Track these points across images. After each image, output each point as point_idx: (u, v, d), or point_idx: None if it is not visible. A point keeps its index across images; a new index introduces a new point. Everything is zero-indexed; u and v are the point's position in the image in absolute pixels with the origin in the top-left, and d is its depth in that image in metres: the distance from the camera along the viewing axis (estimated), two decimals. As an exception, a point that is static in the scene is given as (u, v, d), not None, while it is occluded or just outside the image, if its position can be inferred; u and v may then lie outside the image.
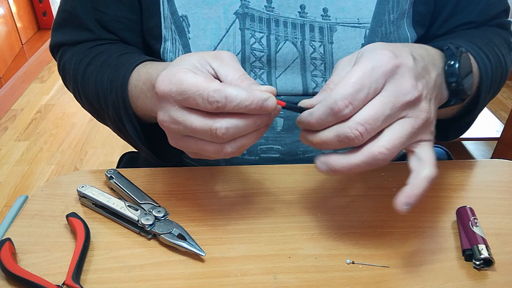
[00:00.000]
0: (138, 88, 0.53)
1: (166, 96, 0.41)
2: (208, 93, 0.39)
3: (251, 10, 0.59)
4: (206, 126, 0.40)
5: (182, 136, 0.43)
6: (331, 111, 0.39)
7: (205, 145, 0.42)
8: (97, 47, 0.62)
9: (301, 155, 0.65)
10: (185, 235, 0.48)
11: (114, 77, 0.55)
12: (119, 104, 0.54)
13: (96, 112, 0.61)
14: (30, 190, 1.81)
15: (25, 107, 2.43)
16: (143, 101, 0.52)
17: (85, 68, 0.59)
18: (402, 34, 0.62)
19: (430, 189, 0.57)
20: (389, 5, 0.60)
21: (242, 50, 0.60)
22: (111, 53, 0.59)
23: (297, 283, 0.44)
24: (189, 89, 0.40)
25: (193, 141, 0.42)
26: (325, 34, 0.60)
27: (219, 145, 0.41)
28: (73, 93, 0.64)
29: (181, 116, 0.41)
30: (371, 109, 0.39)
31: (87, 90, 0.59)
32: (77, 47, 0.63)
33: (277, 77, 0.62)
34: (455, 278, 0.45)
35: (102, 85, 0.56)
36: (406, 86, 0.39)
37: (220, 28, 0.59)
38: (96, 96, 0.58)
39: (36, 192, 0.56)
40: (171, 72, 0.41)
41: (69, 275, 0.43)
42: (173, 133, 0.43)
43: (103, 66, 0.58)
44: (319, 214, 0.53)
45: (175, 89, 0.40)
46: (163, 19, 0.60)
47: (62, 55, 0.65)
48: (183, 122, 0.41)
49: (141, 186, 0.55)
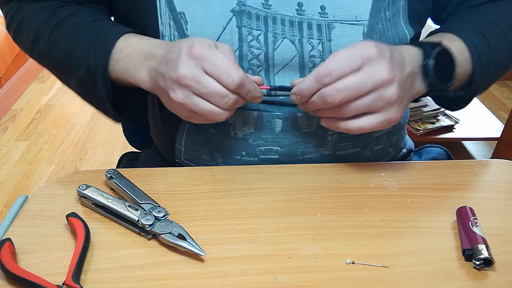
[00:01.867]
0: (124, 52, 0.57)
1: (198, 59, 0.49)
2: (235, 76, 0.49)
3: (248, 8, 0.59)
4: (223, 93, 0.50)
5: (192, 94, 0.50)
6: (315, 78, 0.51)
7: (211, 107, 0.51)
8: (64, 8, 0.62)
9: (300, 156, 0.64)
10: (185, 235, 0.48)
11: (94, 43, 0.58)
12: (97, 66, 0.57)
13: (56, 71, 0.63)
14: (30, 190, 1.81)
15: (25, 107, 2.43)
16: (125, 64, 0.57)
17: (53, 28, 0.60)
18: (400, 31, 0.62)
19: (430, 189, 0.57)
20: (384, 2, 0.60)
21: (239, 47, 0.60)
22: (84, 17, 0.61)
23: (297, 283, 0.44)
24: (221, 65, 0.49)
25: (202, 101, 0.50)
26: (323, 32, 0.60)
27: (223, 110, 0.51)
28: (28, 47, 0.64)
29: (205, 78, 0.50)
30: (345, 79, 0.50)
31: (53, 50, 0.60)
32: (40, 4, 0.63)
33: (275, 74, 0.62)
34: (455, 278, 0.45)
35: (77, 48, 0.58)
36: (380, 69, 0.50)
37: (217, 25, 0.59)
38: (66, 57, 0.59)
39: (36, 192, 0.56)
40: (207, 43, 0.51)
41: (69, 275, 0.43)
42: (186, 88, 0.50)
43: (78, 30, 0.59)
44: (319, 214, 0.53)
45: (209, 57, 0.49)
46: (160, 15, 0.60)
47: (18, 9, 0.64)
48: (204, 82, 0.49)
49: (141, 186, 0.55)
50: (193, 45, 0.50)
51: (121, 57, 0.57)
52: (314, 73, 0.51)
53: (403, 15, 0.62)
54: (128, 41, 0.58)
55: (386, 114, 0.52)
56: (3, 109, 2.36)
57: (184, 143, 0.66)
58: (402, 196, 0.56)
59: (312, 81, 0.51)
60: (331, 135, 0.64)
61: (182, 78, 0.50)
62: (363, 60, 0.50)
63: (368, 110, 0.52)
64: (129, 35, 0.59)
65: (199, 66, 0.50)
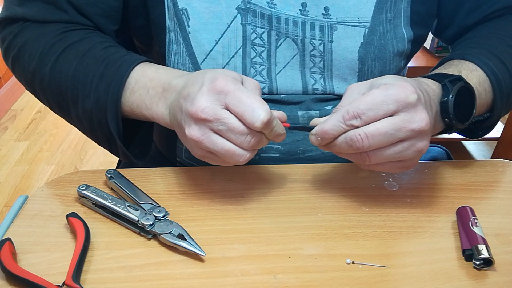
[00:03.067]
0: (140, 83, 0.53)
1: (220, 93, 0.45)
2: (260, 114, 0.44)
3: (253, 6, 0.59)
4: (245, 131, 0.45)
5: (210, 131, 0.46)
6: (343, 119, 0.45)
7: (231, 147, 0.46)
8: (72, 33, 0.58)
9: (300, 154, 0.65)
10: (185, 235, 0.48)
11: (105, 72, 0.53)
12: (107, 99, 0.53)
13: (59, 100, 0.57)
14: (30, 190, 1.81)
15: (25, 107, 2.43)
16: (141, 96, 0.53)
17: (60, 54, 0.56)
18: (398, 33, 0.62)
19: (430, 189, 0.57)
20: (387, 4, 0.60)
21: (243, 45, 0.60)
22: (93, 43, 0.56)
23: (297, 283, 0.44)
24: (245, 102, 0.44)
25: (221, 140, 0.46)
26: (325, 33, 0.60)
27: (245, 151, 0.46)
28: (29, 75, 0.58)
29: (226, 114, 0.45)
30: (377, 124, 0.45)
31: (58, 78, 0.55)
32: (46, 27, 0.58)
33: (277, 73, 0.62)
34: (455, 278, 0.45)
35: (86, 77, 0.54)
36: (417, 116, 0.44)
37: (222, 22, 0.59)
38: (72, 86, 0.55)
39: (36, 192, 0.56)
40: (232, 77, 0.46)
41: (69, 275, 0.43)
42: (204, 124, 0.45)
43: (86, 57, 0.55)
44: (319, 214, 0.53)
45: (232, 93, 0.45)
46: (167, 9, 0.60)
47: (23, 30, 0.58)
48: (225, 119, 0.45)
49: (141, 186, 0.54)
50: (217, 78, 0.46)
51: (137, 88, 0.53)
52: (341, 113, 0.45)
53: (404, 17, 0.62)
54: (145, 71, 0.54)
55: (410, 163, 0.48)
56: (3, 109, 2.36)
57: (185, 142, 0.66)
58: (402, 196, 0.56)
59: (338, 122, 0.46)
60: None
61: (200, 113, 0.45)
62: (399, 105, 0.44)
63: (395, 160, 0.47)
64: (145, 64, 0.55)
65: (221, 101, 0.45)
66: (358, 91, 0.48)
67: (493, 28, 0.64)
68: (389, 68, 0.63)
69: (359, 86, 0.49)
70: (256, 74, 0.61)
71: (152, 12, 0.61)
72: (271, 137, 0.48)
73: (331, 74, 0.62)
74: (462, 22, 0.67)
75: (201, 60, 0.60)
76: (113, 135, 0.54)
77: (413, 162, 0.48)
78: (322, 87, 0.63)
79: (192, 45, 0.60)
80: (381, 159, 0.46)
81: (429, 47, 1.63)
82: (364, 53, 0.61)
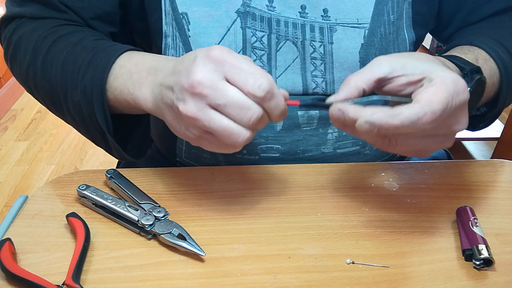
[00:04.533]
0: (124, 68, 0.50)
1: (218, 62, 0.41)
2: (263, 81, 0.41)
3: (252, 9, 0.59)
4: (246, 104, 0.41)
5: (208, 106, 0.41)
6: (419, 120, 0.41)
7: (230, 124, 0.41)
8: (64, 27, 0.57)
9: (300, 154, 0.65)
10: (185, 235, 0.48)
11: (92, 60, 0.52)
12: (93, 86, 0.51)
13: (51, 95, 0.55)
14: (30, 190, 1.81)
15: (25, 107, 2.43)
16: (124, 81, 0.50)
17: (51, 46, 0.54)
18: (401, 35, 0.62)
19: (430, 189, 0.57)
20: (388, 5, 0.60)
21: (243, 48, 0.60)
22: (84, 35, 0.56)
23: (297, 283, 0.44)
24: (247, 69, 0.41)
25: (219, 115, 0.41)
26: (325, 34, 0.60)
27: (244, 129, 0.42)
28: (24, 71, 0.57)
29: (225, 86, 0.41)
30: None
31: (49, 69, 0.54)
32: (41, 22, 0.58)
33: (277, 76, 0.62)
34: (455, 278, 0.45)
35: (74, 66, 0.52)
36: (464, 119, 0.44)
37: (222, 26, 0.59)
38: (61, 78, 0.53)
39: (36, 192, 0.56)
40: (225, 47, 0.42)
41: (69, 275, 0.43)
42: (200, 98, 0.41)
43: (76, 47, 0.53)
44: (319, 214, 0.53)
45: (232, 61, 0.41)
46: (164, 15, 0.60)
47: (18, 27, 0.58)
48: (223, 90, 0.41)
49: (141, 186, 0.54)
50: (212, 48, 0.42)
51: (121, 74, 0.50)
52: (418, 112, 0.41)
53: (406, 18, 0.62)
54: (131, 57, 0.51)
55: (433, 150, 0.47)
56: (3, 109, 2.36)
57: (185, 142, 0.66)
58: (402, 196, 0.56)
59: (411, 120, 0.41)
60: (331, 133, 0.64)
61: (197, 84, 0.40)
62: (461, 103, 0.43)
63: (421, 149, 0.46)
64: (132, 52, 0.53)
65: (219, 71, 0.41)
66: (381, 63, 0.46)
67: (495, 22, 0.65)
68: None
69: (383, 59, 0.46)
70: None
71: (150, 17, 0.61)
72: (273, 113, 0.43)
73: (333, 77, 0.62)
74: (462, 22, 0.67)
75: None
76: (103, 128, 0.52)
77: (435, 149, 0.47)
78: (323, 91, 0.63)
79: (193, 49, 0.60)
80: (408, 147, 0.44)
81: (429, 47, 1.64)
82: (365, 54, 0.61)
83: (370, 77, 0.45)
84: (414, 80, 0.44)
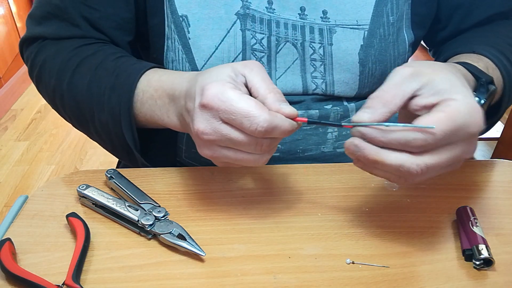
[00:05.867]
0: (147, 93, 0.53)
1: (212, 110, 0.42)
2: (259, 122, 0.41)
3: (252, 11, 0.59)
4: (253, 140, 0.42)
5: (219, 147, 0.44)
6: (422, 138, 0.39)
7: (245, 156, 0.44)
8: (86, 47, 0.59)
9: (300, 153, 0.65)
10: (185, 235, 0.48)
11: (116, 83, 0.54)
12: (120, 110, 0.54)
13: (78, 115, 0.59)
14: (30, 190, 1.81)
15: (25, 107, 2.43)
16: (151, 107, 0.53)
17: (75, 69, 0.57)
18: (400, 36, 0.62)
19: (430, 189, 0.57)
20: (387, 6, 0.60)
21: (243, 50, 0.60)
22: (106, 55, 0.58)
23: (297, 283, 0.44)
24: (239, 112, 0.41)
25: (232, 152, 0.44)
26: (324, 36, 0.60)
27: (260, 155, 0.44)
28: (50, 92, 0.60)
29: (225, 129, 0.43)
30: (437, 156, 0.40)
31: (75, 93, 0.57)
32: (62, 44, 0.60)
33: (277, 78, 0.62)
34: (455, 278, 0.45)
35: (99, 89, 0.55)
36: (472, 149, 0.42)
37: (221, 28, 0.59)
38: (88, 100, 0.56)
39: (36, 192, 0.56)
40: (218, 88, 0.42)
41: (69, 275, 0.43)
42: (210, 144, 0.44)
43: (99, 70, 0.56)
44: (319, 214, 0.53)
45: (223, 107, 0.42)
46: (166, 17, 0.60)
47: (41, 49, 0.61)
48: (227, 135, 0.43)
49: (141, 186, 0.54)
50: (204, 91, 0.43)
51: (145, 99, 0.54)
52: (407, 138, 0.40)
53: (406, 19, 0.62)
54: (149, 80, 0.54)
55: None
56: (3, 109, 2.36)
57: (185, 142, 0.66)
58: (402, 196, 0.56)
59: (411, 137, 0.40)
60: (331, 133, 0.64)
61: (201, 135, 0.43)
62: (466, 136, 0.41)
63: None
64: (150, 73, 0.55)
65: (216, 117, 0.43)
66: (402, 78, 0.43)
67: (489, 30, 0.65)
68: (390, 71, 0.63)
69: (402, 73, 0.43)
70: None
71: (151, 20, 0.61)
72: (283, 136, 0.44)
73: (333, 78, 0.62)
74: (457, 26, 0.67)
75: (201, 66, 0.61)
76: (130, 146, 0.56)
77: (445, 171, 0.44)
78: (323, 92, 0.63)
79: (192, 51, 0.60)
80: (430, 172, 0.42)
81: (429, 47, 1.63)
82: (364, 55, 0.61)
83: (404, 95, 0.41)
84: (429, 104, 0.41)
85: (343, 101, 0.64)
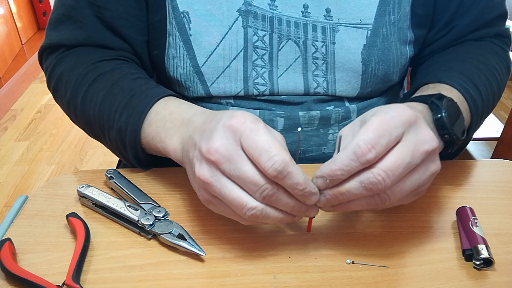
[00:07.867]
0: (159, 115, 0.52)
1: (236, 132, 0.41)
2: (277, 160, 0.39)
3: (254, 8, 0.59)
4: (258, 181, 0.40)
5: (220, 173, 0.41)
6: (355, 155, 0.39)
7: (238, 195, 0.41)
8: (105, 62, 0.59)
9: (301, 154, 0.65)
10: (185, 235, 0.48)
11: (129, 103, 0.54)
12: (127, 129, 0.53)
13: (91, 129, 0.59)
14: (30, 190, 1.82)
15: (25, 107, 2.43)
16: (157, 128, 0.52)
17: (90, 85, 0.57)
18: (402, 36, 0.62)
19: (430, 189, 0.57)
20: (389, 6, 0.60)
21: (244, 47, 0.60)
22: (124, 74, 0.58)
23: (297, 283, 0.44)
24: (262, 144, 0.40)
25: (230, 185, 0.41)
26: (327, 34, 0.60)
27: (255, 202, 0.41)
28: (65, 105, 0.61)
29: (240, 156, 0.40)
30: (393, 156, 0.40)
31: (88, 107, 0.57)
32: (81, 57, 0.60)
33: (278, 76, 0.62)
34: (455, 278, 0.45)
35: (111, 107, 0.55)
36: (425, 136, 0.41)
37: (223, 25, 0.59)
38: (99, 116, 0.56)
39: (36, 192, 0.56)
40: (251, 116, 0.41)
41: (69, 275, 0.43)
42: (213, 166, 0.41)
43: (115, 87, 0.56)
44: (319, 214, 0.53)
45: (248, 133, 0.40)
46: (168, 13, 0.60)
47: (60, 61, 0.61)
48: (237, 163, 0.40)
49: (141, 186, 0.54)
50: (234, 115, 0.41)
51: (155, 121, 0.52)
52: (351, 149, 0.39)
53: (407, 19, 0.62)
54: (167, 104, 0.53)
55: (424, 188, 0.44)
56: (3, 109, 2.36)
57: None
58: (402, 196, 0.56)
59: (349, 160, 0.39)
60: (332, 134, 0.64)
61: (213, 151, 0.40)
62: (405, 125, 0.41)
63: (413, 190, 0.43)
64: (169, 98, 0.54)
65: (237, 141, 0.41)
66: (352, 131, 0.44)
67: (461, 53, 0.64)
68: (393, 71, 0.63)
69: (350, 127, 0.45)
70: (257, 77, 0.61)
71: (153, 17, 0.61)
72: (294, 192, 0.41)
73: (334, 77, 0.62)
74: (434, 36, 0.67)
75: (202, 63, 0.60)
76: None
77: (426, 187, 0.45)
78: (324, 90, 0.63)
79: (194, 47, 0.60)
80: (401, 194, 0.42)
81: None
82: (367, 55, 0.61)
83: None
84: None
85: (344, 102, 0.64)
